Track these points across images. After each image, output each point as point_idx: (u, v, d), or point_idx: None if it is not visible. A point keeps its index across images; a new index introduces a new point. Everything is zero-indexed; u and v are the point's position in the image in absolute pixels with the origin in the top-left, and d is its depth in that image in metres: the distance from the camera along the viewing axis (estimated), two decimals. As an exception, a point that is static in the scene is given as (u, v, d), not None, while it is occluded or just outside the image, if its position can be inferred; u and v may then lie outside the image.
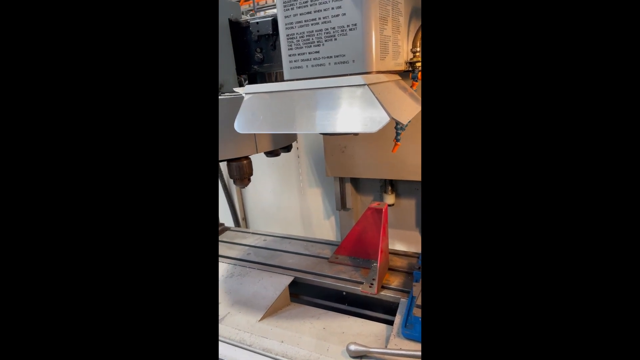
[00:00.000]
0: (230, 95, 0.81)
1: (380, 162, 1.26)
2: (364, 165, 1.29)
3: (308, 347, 0.81)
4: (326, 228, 1.74)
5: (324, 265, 1.14)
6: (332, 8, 0.61)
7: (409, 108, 0.63)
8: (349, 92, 0.51)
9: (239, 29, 0.96)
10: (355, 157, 1.30)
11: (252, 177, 0.88)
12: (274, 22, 0.89)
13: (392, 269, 1.09)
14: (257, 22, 0.90)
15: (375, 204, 1.06)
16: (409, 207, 1.41)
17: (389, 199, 1.38)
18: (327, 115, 0.50)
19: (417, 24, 0.79)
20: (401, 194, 1.40)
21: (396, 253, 1.19)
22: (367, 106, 0.48)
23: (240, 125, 0.58)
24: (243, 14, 1.07)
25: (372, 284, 0.99)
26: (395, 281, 1.03)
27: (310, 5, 0.62)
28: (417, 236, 1.39)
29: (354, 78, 0.52)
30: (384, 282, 1.02)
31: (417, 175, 1.22)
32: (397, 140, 0.87)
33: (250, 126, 0.57)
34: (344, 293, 1.03)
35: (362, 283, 1.02)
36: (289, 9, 0.65)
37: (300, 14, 0.64)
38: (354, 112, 0.49)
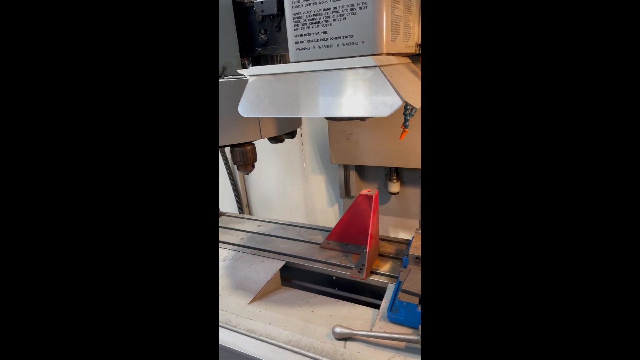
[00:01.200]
0: (233, 78, 0.79)
1: (385, 150, 1.24)
2: (369, 152, 1.27)
3: (295, 329, 0.82)
4: (329, 215, 1.73)
5: (315, 250, 1.15)
6: (341, -15, 0.57)
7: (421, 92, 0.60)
8: (359, 74, 0.48)
9: (242, 9, 0.92)
10: (361, 145, 1.27)
11: (255, 164, 0.86)
12: (279, 1, 0.85)
13: (382, 255, 1.10)
14: (262, 2, 0.87)
15: (366, 191, 1.06)
16: (414, 195, 1.39)
17: (394, 187, 1.36)
18: (335, 99, 0.48)
19: (429, 4, 0.76)
20: (406, 182, 1.38)
21: (387, 239, 1.20)
22: (378, 89, 0.45)
23: (244, 108, 0.55)
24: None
25: (361, 269, 1.00)
26: (384, 267, 1.03)
27: (318, -19, 0.59)
28: (421, 225, 1.37)
29: (364, 59, 0.49)
30: (374, 268, 1.02)
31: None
32: (405, 126, 0.84)
33: (255, 110, 0.54)
34: (334, 278, 1.05)
35: (352, 268, 1.02)
36: (295, -14, 0.61)
37: (308, -9, 0.60)
38: (364, 95, 0.46)
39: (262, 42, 0.93)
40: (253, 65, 1.02)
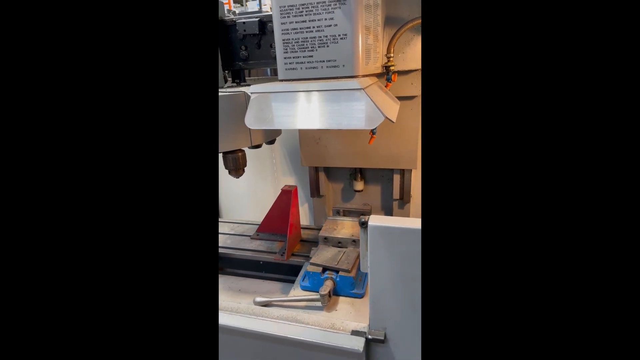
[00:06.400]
0: (223, 92, 0.87)
1: (351, 152, 1.39)
2: (336, 155, 1.41)
3: (222, 303, 0.95)
4: (300, 214, 1.84)
5: (246, 241, 1.30)
6: (325, 19, 0.70)
7: (392, 106, 0.75)
8: (349, 95, 0.61)
9: (223, 27, 1.00)
10: (329, 148, 1.41)
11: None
12: (260, 22, 0.95)
13: (304, 240, 1.29)
14: (244, 22, 0.96)
15: (286, 187, 1.23)
16: (375, 192, 1.56)
17: (358, 185, 1.52)
18: (331, 114, 0.60)
19: (390, 32, 0.92)
20: (369, 181, 1.54)
21: (309, 228, 1.41)
22: (365, 107, 0.59)
23: (251, 121, 0.65)
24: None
25: (283, 253, 1.16)
26: (303, 250, 1.21)
27: (306, 15, 0.71)
28: (383, 218, 1.55)
29: (350, 82, 0.62)
30: (295, 251, 1.20)
31: (383, 164, 1.37)
32: (373, 132, 0.99)
33: (261, 122, 0.65)
34: (261, 262, 1.20)
35: (275, 253, 1.19)
36: (285, 17, 0.73)
37: (296, 22, 0.72)
38: (355, 112, 0.59)
39: (243, 58, 1.02)
40: (232, 77, 1.11)
